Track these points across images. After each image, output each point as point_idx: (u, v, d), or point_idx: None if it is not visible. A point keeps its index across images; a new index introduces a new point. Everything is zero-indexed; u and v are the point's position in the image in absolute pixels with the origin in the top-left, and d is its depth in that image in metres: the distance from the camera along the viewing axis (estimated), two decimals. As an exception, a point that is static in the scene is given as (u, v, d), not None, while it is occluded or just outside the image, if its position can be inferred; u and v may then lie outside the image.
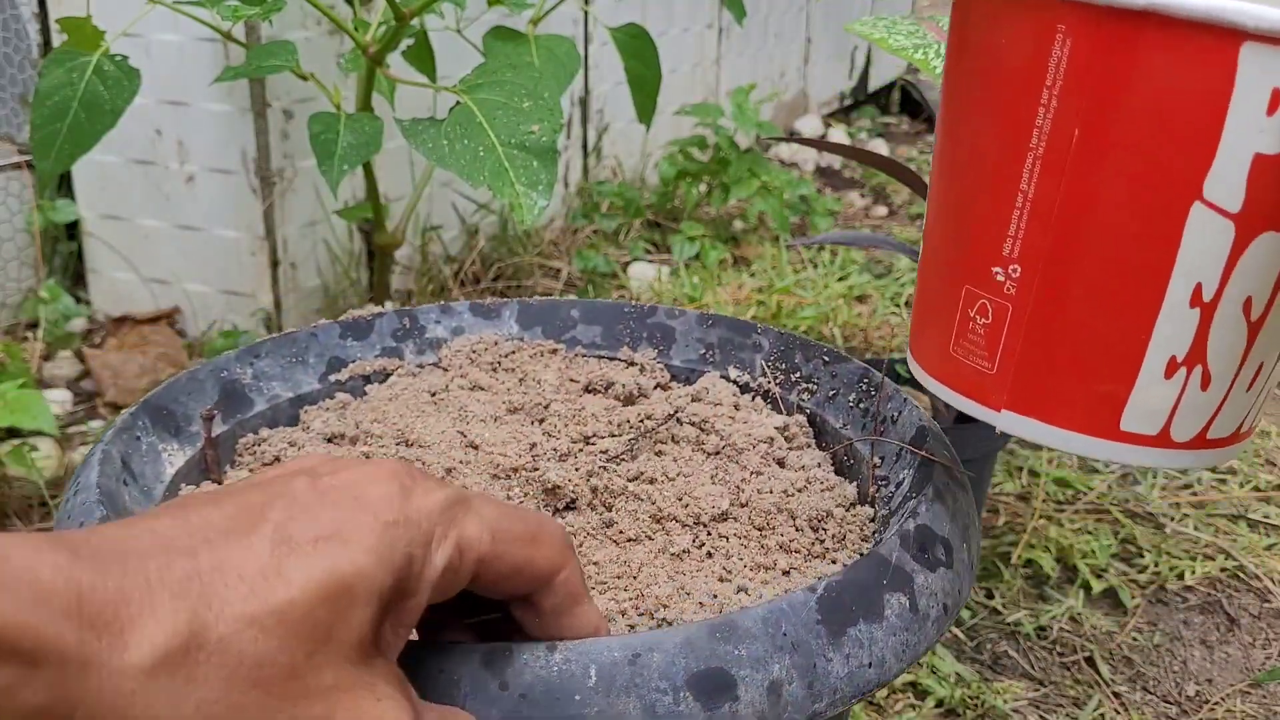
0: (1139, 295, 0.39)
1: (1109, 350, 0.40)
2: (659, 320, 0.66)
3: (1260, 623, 0.93)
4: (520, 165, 0.82)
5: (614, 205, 1.75)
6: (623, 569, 0.46)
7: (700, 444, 0.56)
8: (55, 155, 0.92)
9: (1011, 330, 0.41)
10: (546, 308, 0.67)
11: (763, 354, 0.62)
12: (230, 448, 0.60)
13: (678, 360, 0.64)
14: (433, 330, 0.67)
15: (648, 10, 1.84)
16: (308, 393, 0.63)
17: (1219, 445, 0.42)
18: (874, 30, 0.81)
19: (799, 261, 1.67)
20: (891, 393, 0.54)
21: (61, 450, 1.04)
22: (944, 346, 0.45)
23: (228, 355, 0.62)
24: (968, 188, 0.43)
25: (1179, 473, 1.13)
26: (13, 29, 1.25)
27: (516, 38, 1.13)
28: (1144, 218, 0.38)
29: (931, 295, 0.46)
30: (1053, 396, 0.41)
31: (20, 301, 1.29)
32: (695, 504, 0.50)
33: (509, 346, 0.66)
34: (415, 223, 1.40)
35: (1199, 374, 0.40)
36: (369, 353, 0.66)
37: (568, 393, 0.61)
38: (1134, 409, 0.40)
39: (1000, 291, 0.41)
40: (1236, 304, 0.38)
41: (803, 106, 2.59)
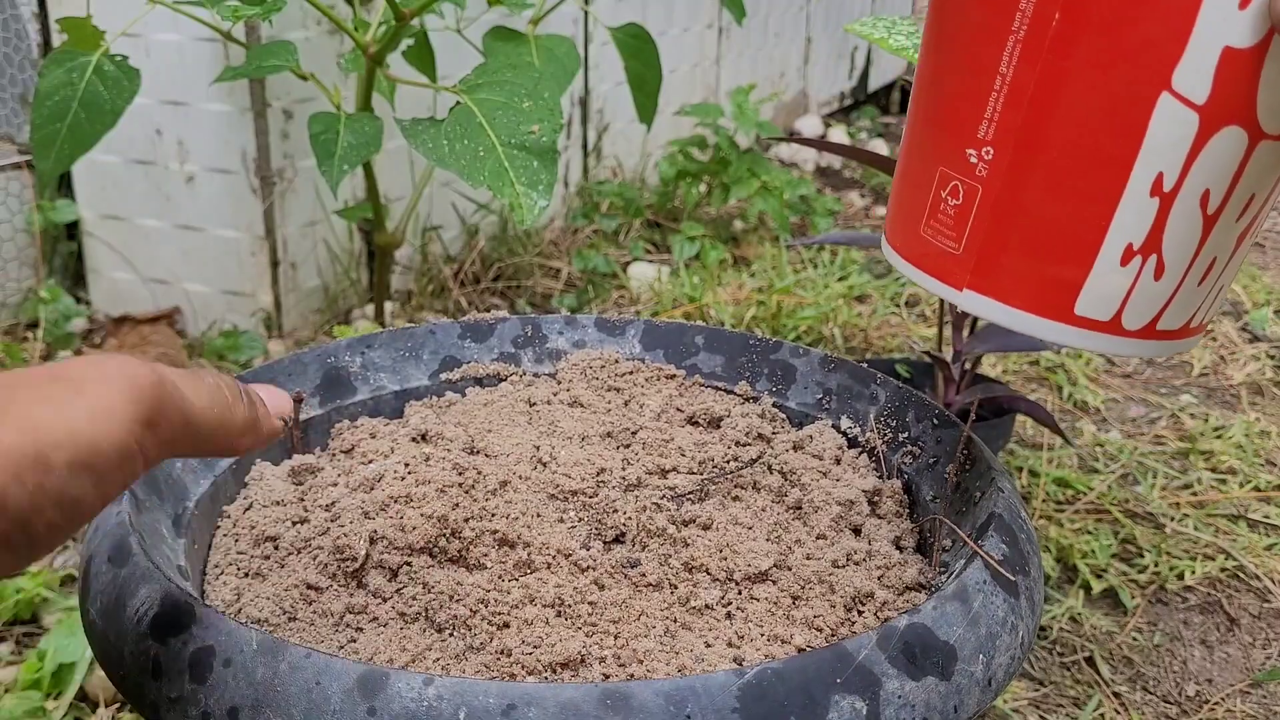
0: (1102, 181, 0.40)
1: (1069, 234, 0.41)
2: (782, 357, 0.63)
3: (1260, 623, 0.93)
4: (520, 165, 0.82)
5: (614, 205, 1.75)
6: (622, 613, 0.45)
7: (780, 495, 0.54)
8: (55, 155, 0.92)
9: (979, 212, 0.42)
10: (672, 330, 0.66)
11: (877, 407, 0.59)
12: (324, 431, 0.61)
13: (793, 402, 0.62)
14: (554, 341, 0.67)
15: (648, 10, 1.84)
16: (415, 388, 0.64)
17: (1167, 337, 0.43)
18: (874, 30, 0.81)
19: (799, 261, 1.67)
20: (984, 469, 0.51)
21: (61, 450, 1.04)
22: (915, 227, 0.45)
23: (339, 342, 0.63)
24: (949, 70, 0.43)
25: (1121, 362, 1.13)
26: (13, 29, 1.25)
27: (516, 38, 1.13)
28: (1114, 105, 0.38)
29: (908, 178, 0.47)
30: (1012, 278, 0.42)
31: (20, 301, 1.29)
32: (735, 559, 0.48)
33: (627, 366, 0.65)
34: (415, 223, 1.40)
35: (1154, 263, 0.41)
36: (486, 356, 0.66)
37: (667, 421, 0.60)
38: (1089, 294, 0.41)
39: (972, 173, 0.42)
40: (1194, 196, 0.39)
41: (803, 106, 2.59)
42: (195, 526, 0.52)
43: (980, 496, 0.49)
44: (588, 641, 0.43)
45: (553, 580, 0.46)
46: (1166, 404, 1.30)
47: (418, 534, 0.47)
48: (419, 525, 0.47)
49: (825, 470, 0.56)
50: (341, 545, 0.48)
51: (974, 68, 0.41)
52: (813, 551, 0.49)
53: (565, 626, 0.44)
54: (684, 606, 0.46)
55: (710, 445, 0.57)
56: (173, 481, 0.53)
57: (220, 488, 0.56)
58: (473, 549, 0.48)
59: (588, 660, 0.42)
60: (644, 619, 0.45)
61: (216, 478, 0.55)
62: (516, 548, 0.48)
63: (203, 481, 0.54)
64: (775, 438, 0.59)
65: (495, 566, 0.47)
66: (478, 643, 0.44)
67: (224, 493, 0.56)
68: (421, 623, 0.46)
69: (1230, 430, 1.22)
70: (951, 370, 0.94)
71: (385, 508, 0.49)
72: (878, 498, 0.54)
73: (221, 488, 0.56)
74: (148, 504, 0.50)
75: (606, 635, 0.44)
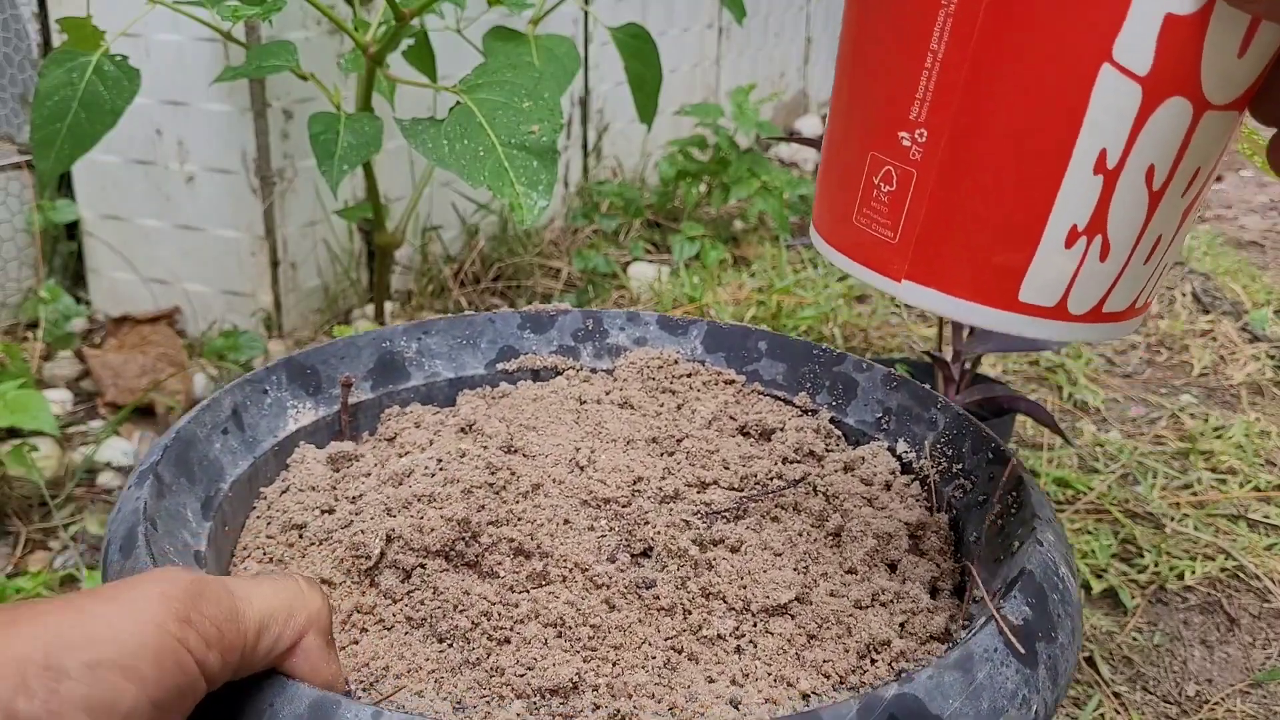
0: (1043, 162, 0.38)
1: (1011, 218, 0.39)
2: (845, 370, 0.61)
3: (1260, 623, 0.93)
4: (520, 165, 0.82)
5: (614, 205, 1.75)
6: (625, 639, 0.44)
7: (820, 520, 0.51)
8: (55, 155, 0.92)
9: (915, 198, 0.40)
10: (735, 334, 0.64)
11: (935, 433, 0.56)
12: (375, 415, 0.60)
13: (852, 419, 0.60)
14: (615, 336, 0.65)
15: (648, 10, 1.84)
16: (470, 376, 0.63)
17: (1114, 319, 0.42)
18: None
19: (799, 261, 1.67)
20: (1028, 515, 0.47)
21: (62, 450, 1.04)
22: (847, 216, 0.43)
23: (395, 327, 0.62)
24: (877, 49, 0.41)
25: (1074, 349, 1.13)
26: (13, 29, 1.25)
27: (516, 38, 1.13)
28: (1052, 81, 0.37)
29: (837, 164, 0.44)
30: (953, 266, 0.40)
31: (20, 301, 1.29)
32: (754, 588, 0.46)
33: (686, 368, 0.63)
34: (415, 223, 1.40)
35: (1099, 244, 0.39)
36: (544, 348, 0.65)
37: (718, 430, 0.58)
38: (1033, 279, 0.40)
39: (905, 157, 0.40)
40: (1139, 172, 0.38)
41: (803, 106, 2.59)
42: (228, 509, 0.52)
43: (1018, 547, 0.46)
44: (583, 668, 0.42)
45: (563, 596, 0.45)
46: (1166, 404, 1.30)
47: (435, 536, 0.47)
48: (438, 527, 0.47)
49: (871, 497, 0.53)
50: (358, 542, 0.48)
51: (903, 45, 0.39)
52: (838, 587, 0.47)
53: (563, 649, 0.43)
54: (694, 635, 0.44)
55: (756, 460, 0.55)
56: (208, 463, 0.52)
57: (259, 469, 0.55)
58: (488, 556, 0.47)
59: (580, 688, 0.41)
60: (646, 647, 0.43)
61: (256, 459, 0.55)
62: (533, 558, 0.47)
63: (241, 463, 0.54)
64: (827, 456, 0.57)
65: (508, 576, 0.46)
66: (474, 657, 0.43)
67: (263, 474, 0.56)
68: (425, 630, 0.45)
69: (1230, 430, 1.22)
70: (951, 370, 0.94)
71: (408, 505, 0.49)
72: (921, 532, 0.51)
73: (261, 469, 0.55)
74: (174, 487, 0.49)
75: (604, 662, 0.43)
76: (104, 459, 1.04)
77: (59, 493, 0.98)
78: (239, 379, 0.56)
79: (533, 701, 0.41)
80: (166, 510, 0.47)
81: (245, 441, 0.55)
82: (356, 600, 0.46)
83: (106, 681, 0.29)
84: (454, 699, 0.42)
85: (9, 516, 0.95)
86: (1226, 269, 1.69)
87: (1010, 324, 0.41)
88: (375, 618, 0.46)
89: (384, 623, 0.46)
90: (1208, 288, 1.62)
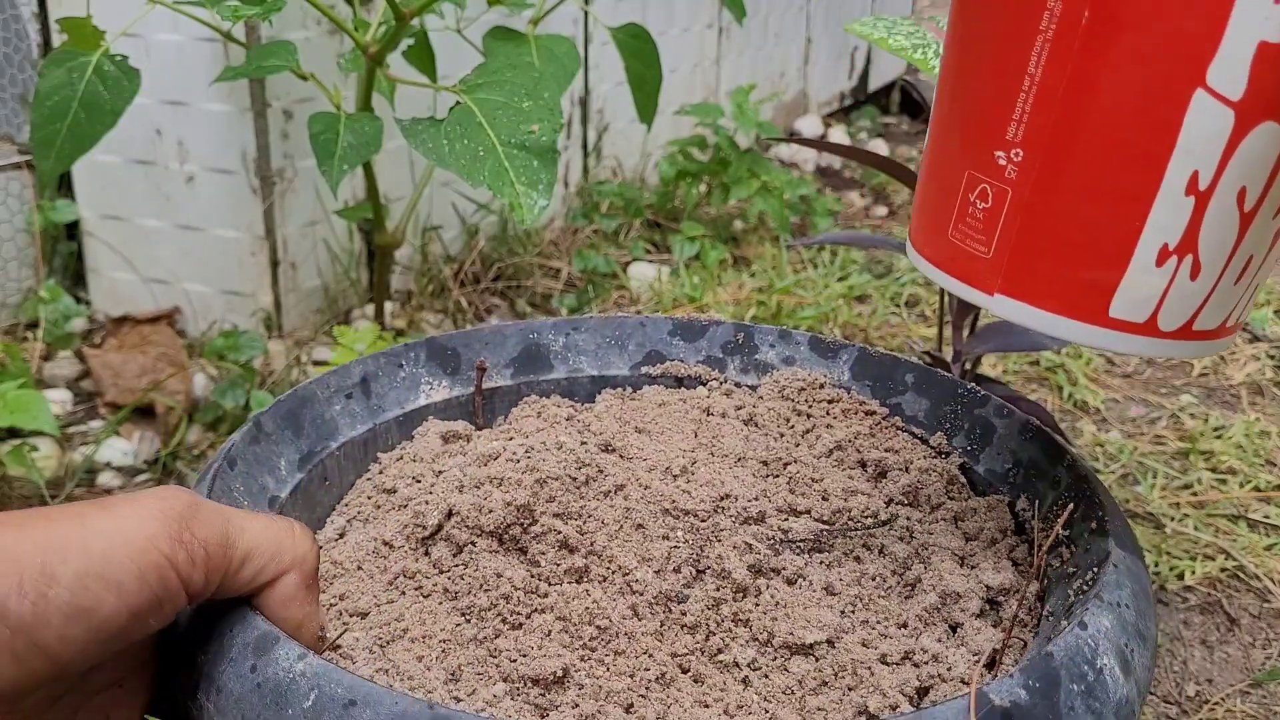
0: (1136, 181, 0.39)
1: (1103, 236, 0.40)
2: (986, 414, 0.59)
3: (1260, 623, 0.93)
4: (520, 165, 0.82)
5: (614, 205, 1.75)
6: (628, 645, 0.43)
7: (902, 568, 0.50)
8: (55, 155, 0.92)
9: (1009, 215, 0.42)
10: (886, 363, 0.63)
11: (1056, 492, 0.53)
12: (512, 402, 0.62)
13: (982, 467, 0.57)
14: (764, 353, 0.65)
15: (648, 10, 1.84)
16: (613, 376, 0.64)
17: (1204, 337, 0.43)
18: (874, 30, 0.81)
19: (799, 261, 1.67)
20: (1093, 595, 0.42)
21: (62, 450, 1.04)
22: (943, 231, 0.45)
23: (545, 320, 0.64)
24: (975, 71, 0.43)
25: (1161, 362, 1.13)
26: (13, 29, 1.25)
27: (516, 38, 1.13)
28: (1146, 103, 0.38)
29: (934, 181, 0.46)
30: (1045, 281, 0.42)
31: (20, 301, 1.29)
32: (786, 623, 0.45)
33: (829, 394, 0.62)
34: (415, 223, 1.40)
35: (1189, 263, 0.40)
36: (692, 356, 0.65)
37: (836, 460, 0.57)
38: (1123, 296, 0.41)
39: (1001, 175, 0.41)
40: (1231, 194, 0.39)
41: (803, 106, 2.59)
42: (332, 465, 0.55)
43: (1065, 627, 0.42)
44: (575, 664, 0.42)
45: (593, 595, 0.45)
46: (1166, 404, 1.30)
47: (492, 517, 0.48)
48: (497, 509, 0.48)
49: (966, 553, 0.51)
50: (419, 511, 0.50)
51: (1001, 69, 0.41)
52: (875, 638, 0.45)
53: (562, 643, 0.43)
54: (709, 657, 0.44)
55: (858, 495, 0.53)
56: (322, 421, 0.55)
57: (379, 435, 0.58)
58: (534, 544, 0.47)
59: (565, 683, 0.42)
60: (646, 658, 0.43)
61: (376, 426, 0.58)
62: (577, 553, 0.47)
63: (359, 427, 0.57)
64: (943, 504, 0.54)
65: (547, 566, 0.47)
66: (482, 635, 0.44)
67: (383, 440, 0.59)
68: (454, 603, 0.46)
69: (1230, 430, 1.22)
70: (952, 370, 0.94)
71: (479, 485, 0.50)
72: (1003, 598, 0.48)
73: (381, 435, 0.58)
74: (275, 437, 0.53)
75: (599, 664, 0.43)
76: (104, 459, 1.04)
77: (59, 493, 0.98)
78: (381, 351, 0.59)
79: (515, 686, 0.42)
80: (255, 455, 0.50)
81: (369, 408, 0.58)
82: (406, 565, 0.48)
83: (90, 591, 0.31)
84: (450, 670, 0.43)
85: (9, 516, 0.95)
86: (1226, 269, 1.69)
87: (1100, 339, 0.42)
88: (416, 584, 0.47)
89: (422, 590, 0.47)
90: (1208, 288, 1.62)
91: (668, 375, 0.64)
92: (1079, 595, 0.44)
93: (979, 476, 0.57)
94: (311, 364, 1.19)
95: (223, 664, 0.37)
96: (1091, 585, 0.44)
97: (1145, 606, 0.43)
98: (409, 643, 0.44)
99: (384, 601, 0.47)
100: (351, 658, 0.44)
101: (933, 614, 0.47)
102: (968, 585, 0.48)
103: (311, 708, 0.35)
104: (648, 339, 0.65)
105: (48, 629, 0.30)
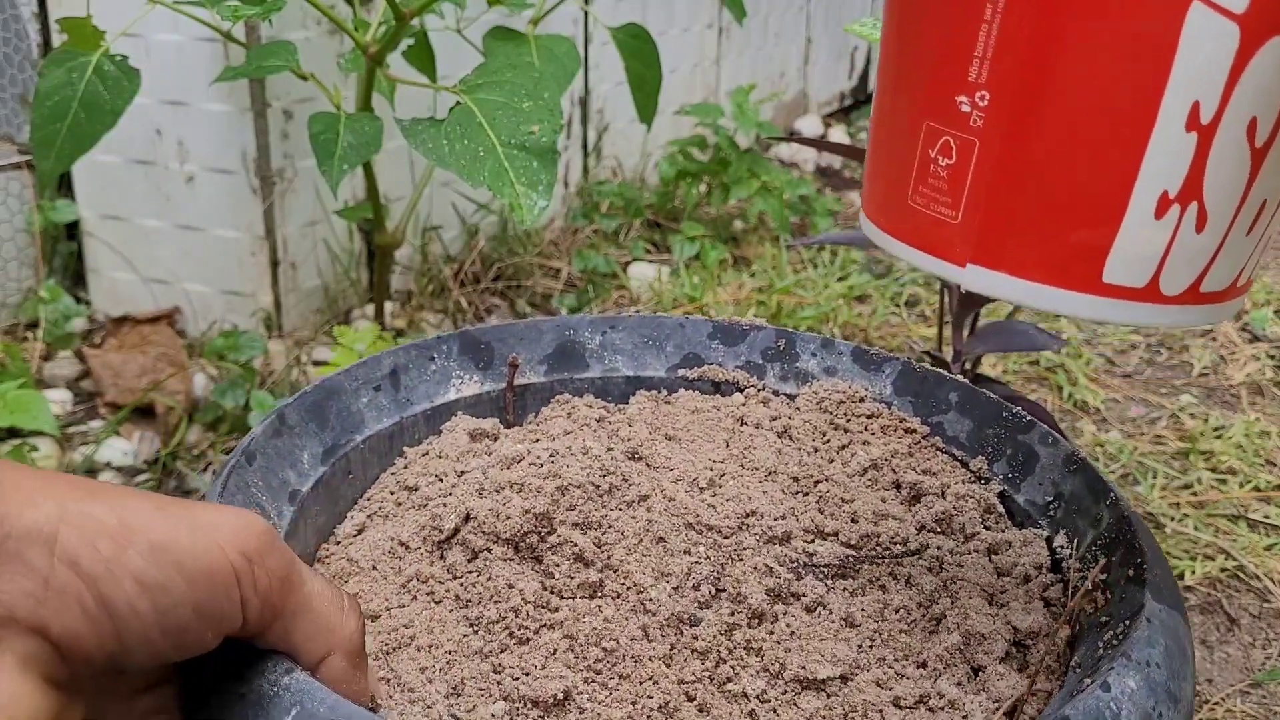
0: (1127, 119, 0.33)
1: (1090, 188, 0.34)
2: (1030, 440, 0.55)
3: (1260, 623, 0.93)
4: (520, 165, 0.82)
5: (614, 205, 1.75)
6: (634, 670, 0.42)
7: (928, 601, 0.47)
8: (55, 155, 0.92)
9: (978, 170, 0.35)
10: (929, 379, 0.60)
11: (1096, 531, 0.49)
12: (544, 400, 0.61)
13: (1022, 498, 0.54)
14: (805, 361, 0.63)
15: (648, 10, 1.84)
16: (649, 377, 0.63)
17: (1212, 300, 0.37)
18: (874, 30, 0.81)
19: (799, 261, 1.67)
20: (1119, 653, 0.40)
21: (62, 450, 1.04)
22: (901, 198, 0.38)
23: (582, 317, 0.63)
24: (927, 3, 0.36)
25: (1164, 334, 1.13)
26: (13, 29, 1.25)
27: (516, 38, 1.13)
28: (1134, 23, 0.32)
29: (888, 141, 0.40)
30: (1024, 246, 0.36)
31: (20, 301, 1.29)
32: (801, 655, 0.43)
33: (868, 408, 0.60)
34: (415, 223, 1.40)
35: (1194, 212, 0.34)
36: (731, 361, 0.63)
37: (869, 480, 0.54)
38: (1119, 257, 0.35)
39: (965, 125, 0.35)
40: (1239, 126, 0.33)
41: (803, 106, 2.59)
42: (356, 459, 0.54)
43: (1085, 685, 0.40)
44: (582, 688, 0.41)
45: (605, 612, 0.44)
46: (1166, 404, 1.30)
47: (510, 524, 0.47)
48: (514, 516, 0.47)
49: (996, 590, 0.48)
50: (437, 514, 0.49)
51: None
52: (890, 678, 0.43)
53: (567, 664, 0.43)
54: (716, 686, 0.42)
55: (889, 520, 0.51)
56: (348, 414, 0.55)
57: (405, 429, 0.57)
58: (549, 555, 0.47)
59: (566, 706, 0.41)
60: (652, 684, 0.42)
61: (404, 419, 0.57)
62: (592, 567, 0.46)
63: (385, 420, 0.56)
64: (977, 535, 0.51)
65: (560, 579, 0.46)
66: (488, 649, 0.44)
67: (410, 435, 0.58)
68: (464, 611, 0.46)
69: (1230, 430, 1.22)
70: (952, 370, 0.94)
71: (500, 490, 0.49)
72: (1032, 642, 0.45)
73: (408, 429, 0.57)
74: (298, 429, 0.52)
75: (602, 689, 0.42)
76: (104, 459, 1.04)
77: (59, 493, 0.98)
78: (411, 342, 0.58)
79: (515, 706, 0.41)
80: (276, 448, 0.50)
81: (397, 401, 0.57)
82: (420, 568, 0.48)
83: (164, 567, 0.31)
84: (453, 684, 0.42)
85: (9, 516, 0.95)
86: (1226, 269, 1.69)
87: (1095, 309, 0.36)
88: (429, 589, 0.47)
89: (434, 595, 0.47)
90: (1208, 288, 1.62)
91: (705, 379, 0.63)
92: (1107, 649, 0.41)
93: (1018, 506, 0.54)
94: (311, 364, 1.19)
95: (214, 669, 0.37)
96: (1121, 640, 0.41)
97: (1180, 666, 0.40)
98: (415, 651, 0.44)
99: (395, 605, 0.46)
100: None
101: (954, 654, 0.44)
102: (994, 626, 0.45)
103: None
104: (686, 341, 0.64)
105: (119, 590, 0.30)
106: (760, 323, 0.64)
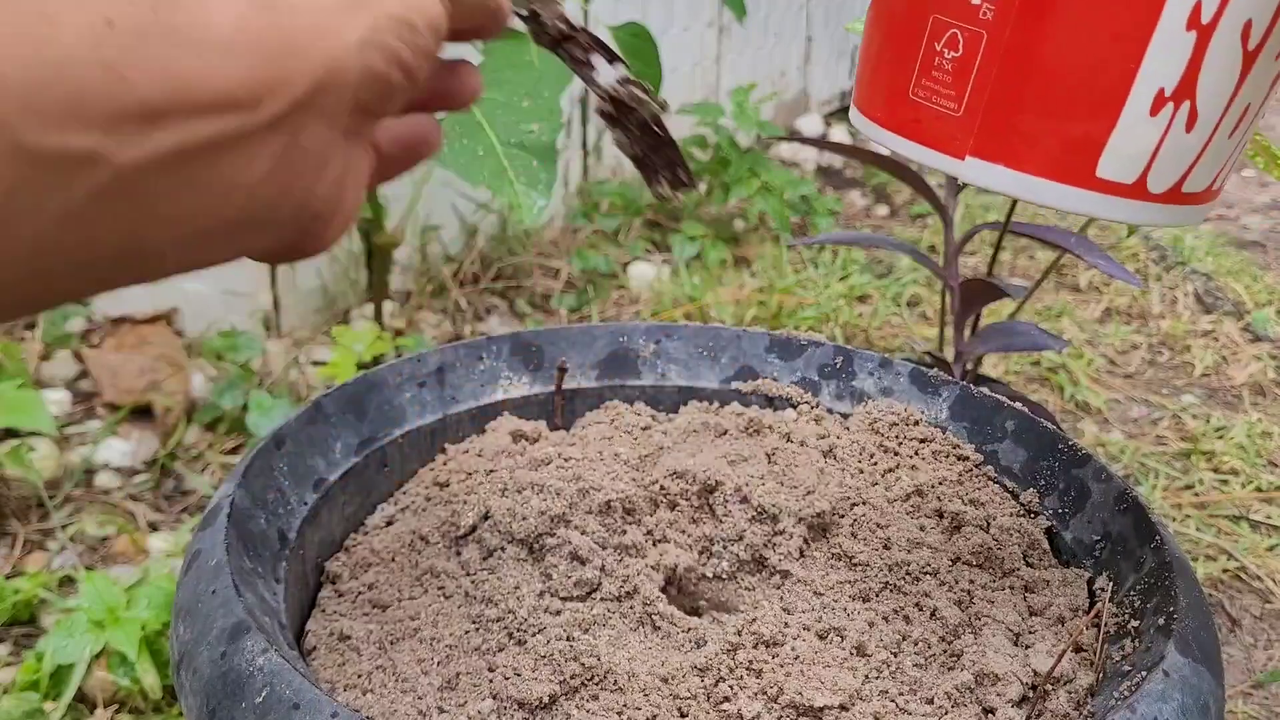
0: (1133, 14, 0.35)
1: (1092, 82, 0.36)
2: (1083, 475, 0.53)
3: (1262, 623, 0.93)
4: (520, 165, 0.81)
5: (614, 205, 1.74)
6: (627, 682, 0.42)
7: (951, 635, 0.45)
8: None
9: (985, 63, 0.37)
10: (987, 406, 0.58)
11: (1137, 575, 0.47)
12: (593, 405, 0.61)
13: (1069, 535, 0.52)
14: (862, 380, 0.61)
15: (648, 9, 1.84)
16: (702, 388, 0.62)
17: (1192, 201, 0.39)
18: (875, 29, 0.80)
19: (800, 261, 1.66)
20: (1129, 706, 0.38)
21: (59, 451, 1.04)
22: (902, 91, 0.39)
23: (636, 324, 0.63)
24: None
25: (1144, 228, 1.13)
26: (11, 28, 1.25)
27: (516, 37, 1.12)
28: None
29: (890, 35, 0.40)
30: (1025, 139, 0.37)
31: (19, 301, 1.29)
32: (801, 681, 0.42)
33: (923, 432, 0.58)
34: (414, 222, 1.40)
35: (1185, 112, 0.36)
36: (787, 376, 0.62)
37: (911, 507, 0.53)
38: (1113, 153, 0.37)
39: (974, 17, 0.37)
40: (1235, 29, 0.35)
41: (803, 106, 2.58)
42: (394, 452, 0.55)
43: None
44: (570, 695, 0.41)
45: (611, 621, 0.44)
46: (1168, 404, 1.29)
47: (524, 525, 0.47)
48: (530, 517, 0.47)
49: (1024, 630, 0.46)
50: (456, 512, 0.49)
51: None
52: (892, 712, 0.42)
53: (557, 668, 0.42)
54: (712, 704, 0.42)
55: (922, 549, 0.49)
56: (389, 408, 0.55)
57: (448, 426, 0.58)
58: (550, 556, 0.47)
59: (552, 711, 0.40)
60: (643, 696, 0.41)
61: (447, 416, 0.57)
62: (589, 566, 0.46)
63: (428, 416, 0.57)
64: (1014, 572, 0.49)
65: (559, 579, 0.46)
66: (485, 647, 0.44)
67: (453, 431, 0.58)
68: (470, 608, 0.46)
69: (1232, 431, 1.22)
70: (953, 371, 0.93)
71: (520, 491, 0.49)
72: (1051, 685, 0.43)
73: (451, 426, 0.58)
74: (335, 419, 0.52)
75: (590, 699, 0.41)
76: (102, 459, 1.04)
77: (57, 493, 0.98)
78: (461, 343, 0.59)
79: (503, 705, 0.41)
80: (309, 436, 0.50)
81: (441, 398, 0.57)
82: (435, 563, 0.48)
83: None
84: (447, 677, 0.43)
85: (6, 517, 0.95)
86: (1228, 269, 1.69)
87: (1085, 203, 0.38)
88: (440, 583, 0.47)
89: (445, 590, 0.47)
90: (1210, 288, 1.62)
91: (758, 393, 0.62)
92: (1120, 701, 0.39)
93: (1064, 545, 0.52)
94: (310, 364, 1.19)
95: (202, 645, 0.38)
96: (1132, 693, 0.39)
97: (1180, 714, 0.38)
98: (416, 643, 0.44)
99: (406, 597, 0.47)
100: (357, 650, 0.44)
101: (965, 694, 0.42)
102: (1011, 667, 0.43)
103: (262, 704, 0.35)
104: (742, 353, 0.62)
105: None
106: (820, 338, 0.63)
